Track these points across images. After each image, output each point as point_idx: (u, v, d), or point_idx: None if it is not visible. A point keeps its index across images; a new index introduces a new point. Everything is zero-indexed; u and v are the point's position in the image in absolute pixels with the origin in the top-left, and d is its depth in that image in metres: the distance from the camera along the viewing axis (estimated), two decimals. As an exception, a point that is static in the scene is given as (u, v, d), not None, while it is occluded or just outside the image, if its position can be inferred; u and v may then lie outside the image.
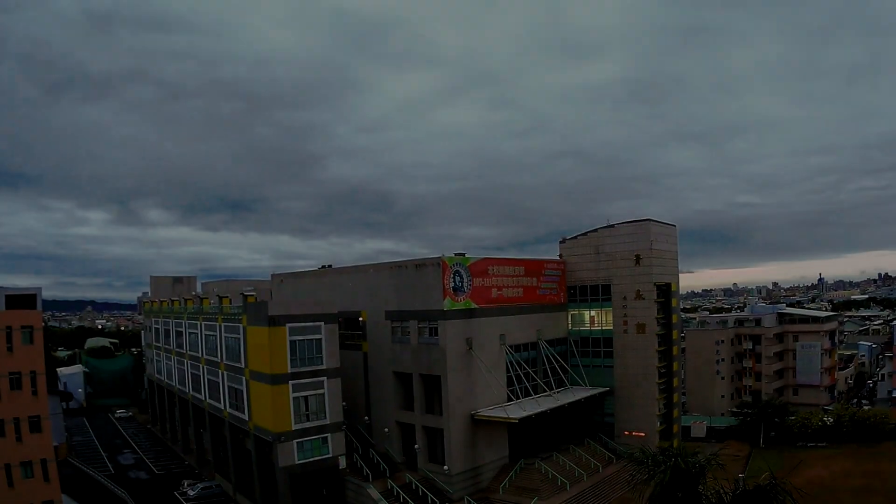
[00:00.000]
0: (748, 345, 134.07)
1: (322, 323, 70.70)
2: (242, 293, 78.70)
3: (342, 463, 71.83)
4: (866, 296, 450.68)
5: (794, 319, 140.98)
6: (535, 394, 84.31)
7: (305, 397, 68.96)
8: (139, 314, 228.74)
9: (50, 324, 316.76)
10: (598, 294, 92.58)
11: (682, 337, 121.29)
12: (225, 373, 79.53)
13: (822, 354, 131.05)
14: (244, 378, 73.70)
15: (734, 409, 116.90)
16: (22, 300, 65.64)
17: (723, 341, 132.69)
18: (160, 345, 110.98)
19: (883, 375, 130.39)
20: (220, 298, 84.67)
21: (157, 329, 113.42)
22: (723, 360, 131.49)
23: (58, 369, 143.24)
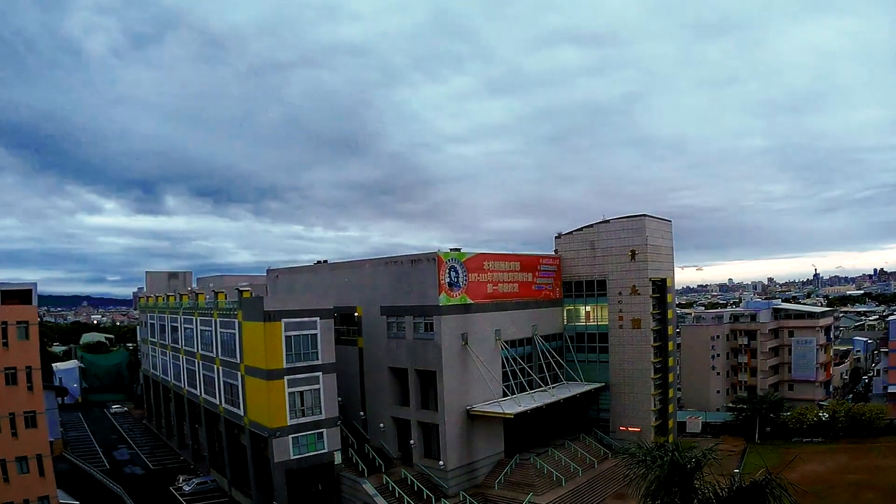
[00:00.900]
0: (743, 340, 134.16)
1: (317, 318, 70.74)
2: (238, 288, 78.55)
3: (337, 458, 71.90)
4: (862, 291, 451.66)
5: (789, 315, 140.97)
6: (531, 389, 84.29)
7: (301, 392, 68.96)
8: (135, 309, 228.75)
9: (45, 319, 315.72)
10: (593, 289, 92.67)
11: (678, 332, 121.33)
12: (220, 368, 79.47)
13: (817, 350, 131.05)
14: (240, 373, 73.65)
15: (729, 405, 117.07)
16: (17, 295, 65.39)
17: (718, 337, 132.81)
18: (155, 340, 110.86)
19: (878, 371, 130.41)
20: (216, 294, 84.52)
21: (152, 324, 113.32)
22: (718, 355, 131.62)
23: (53, 364, 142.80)
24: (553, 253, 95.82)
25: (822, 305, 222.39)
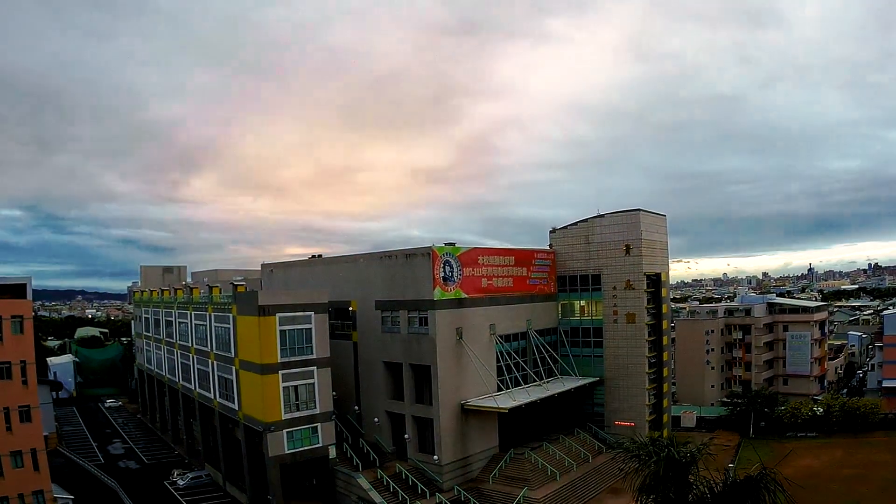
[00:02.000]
0: (738, 335, 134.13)
1: (312, 313, 70.61)
2: (232, 283, 78.48)
3: (332, 453, 71.87)
4: (856, 286, 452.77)
5: (784, 309, 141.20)
6: (525, 384, 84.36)
7: (295, 387, 68.92)
8: (129, 304, 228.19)
9: (40, 313, 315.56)
10: (588, 284, 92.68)
11: (672, 327, 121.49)
12: (215, 362, 79.34)
13: (812, 344, 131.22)
14: (234, 368, 73.55)
15: (724, 399, 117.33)
16: (12, 289, 65.16)
17: (713, 331, 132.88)
18: (150, 334, 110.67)
19: (873, 365, 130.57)
20: (210, 288, 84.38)
21: (147, 319, 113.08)
22: (712, 349, 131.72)
23: (48, 359, 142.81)
24: (548, 247, 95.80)
25: (816, 300, 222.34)
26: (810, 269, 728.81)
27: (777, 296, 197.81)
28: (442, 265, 75.50)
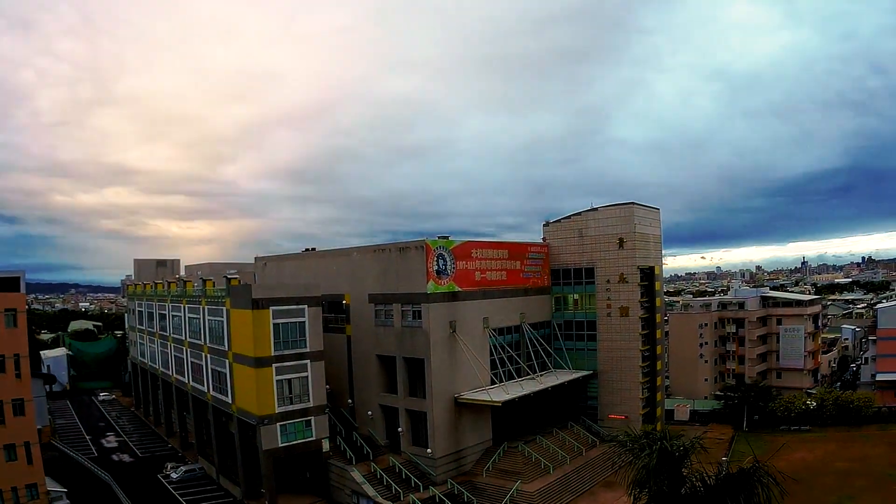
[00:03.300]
0: (731, 328, 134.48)
1: (306, 306, 70.65)
2: (226, 276, 78.26)
3: (326, 446, 71.94)
4: (850, 279, 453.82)
5: (777, 303, 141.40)
6: (519, 377, 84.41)
7: (289, 380, 68.93)
8: (123, 297, 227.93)
9: (33, 306, 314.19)
10: (581, 277, 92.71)
11: (666, 320, 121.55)
12: (208, 356, 79.22)
13: (805, 338, 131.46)
14: (228, 361, 73.45)
15: (717, 393, 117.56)
16: (5, 283, 64.99)
17: (706, 325, 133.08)
18: (144, 328, 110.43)
19: (866, 359, 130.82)
20: (204, 281, 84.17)
21: (140, 312, 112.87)
22: (706, 343, 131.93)
23: (41, 352, 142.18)
24: (541, 241, 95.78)
25: (810, 293, 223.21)
26: (804, 263, 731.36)
27: (770, 289, 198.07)
28: (435, 258, 75.41)
